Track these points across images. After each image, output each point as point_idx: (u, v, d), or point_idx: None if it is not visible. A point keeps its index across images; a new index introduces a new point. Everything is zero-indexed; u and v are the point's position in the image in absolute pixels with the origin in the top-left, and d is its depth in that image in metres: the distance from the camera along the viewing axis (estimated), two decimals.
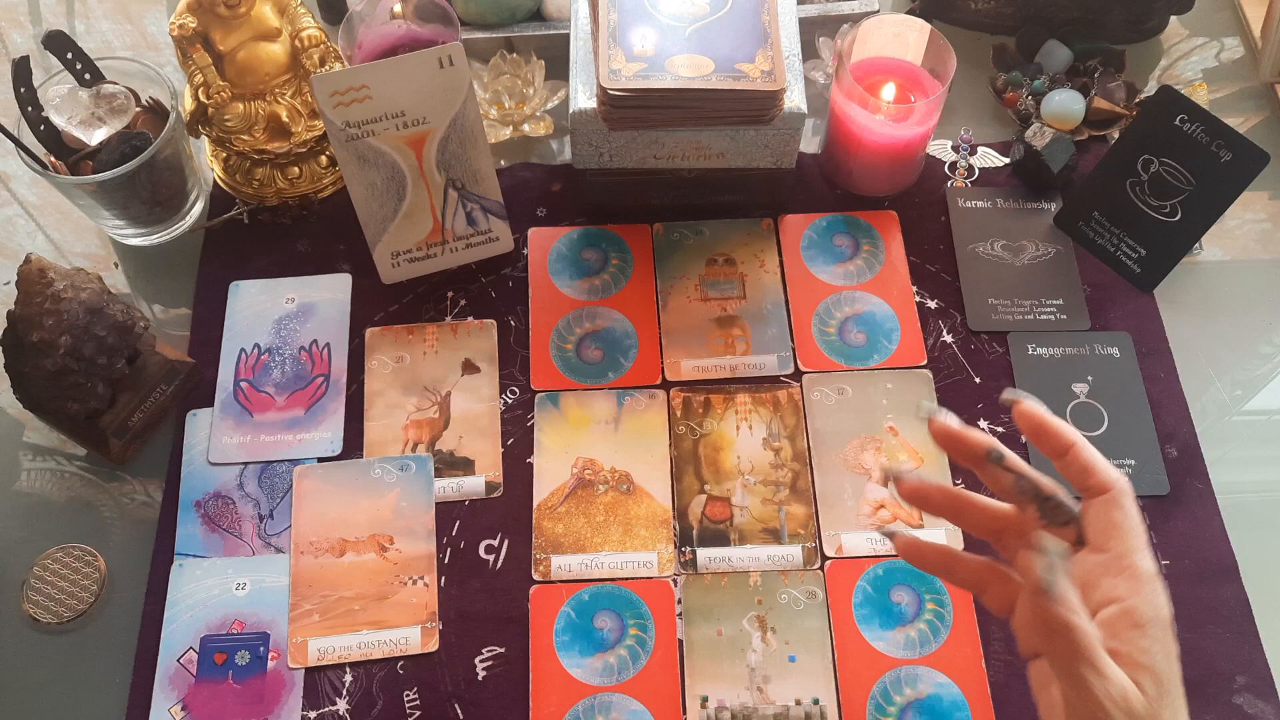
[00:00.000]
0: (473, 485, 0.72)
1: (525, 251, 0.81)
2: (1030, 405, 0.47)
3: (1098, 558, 0.44)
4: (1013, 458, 0.47)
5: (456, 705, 0.66)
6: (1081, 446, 0.46)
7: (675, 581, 0.69)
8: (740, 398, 0.75)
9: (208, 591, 0.69)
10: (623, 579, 0.69)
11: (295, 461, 0.73)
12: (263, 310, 0.79)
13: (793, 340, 0.77)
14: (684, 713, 0.65)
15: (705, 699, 0.65)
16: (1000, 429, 0.74)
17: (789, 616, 0.68)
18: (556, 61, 0.84)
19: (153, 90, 0.79)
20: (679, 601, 0.68)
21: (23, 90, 0.74)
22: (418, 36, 0.81)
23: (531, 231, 0.82)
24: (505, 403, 0.75)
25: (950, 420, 0.47)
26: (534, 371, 0.76)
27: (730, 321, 0.78)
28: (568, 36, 0.78)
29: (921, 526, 0.70)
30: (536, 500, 0.72)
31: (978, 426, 0.74)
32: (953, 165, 0.85)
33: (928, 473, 0.72)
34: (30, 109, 0.75)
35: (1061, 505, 0.46)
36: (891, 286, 0.80)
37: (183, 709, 0.65)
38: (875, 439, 0.73)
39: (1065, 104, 0.84)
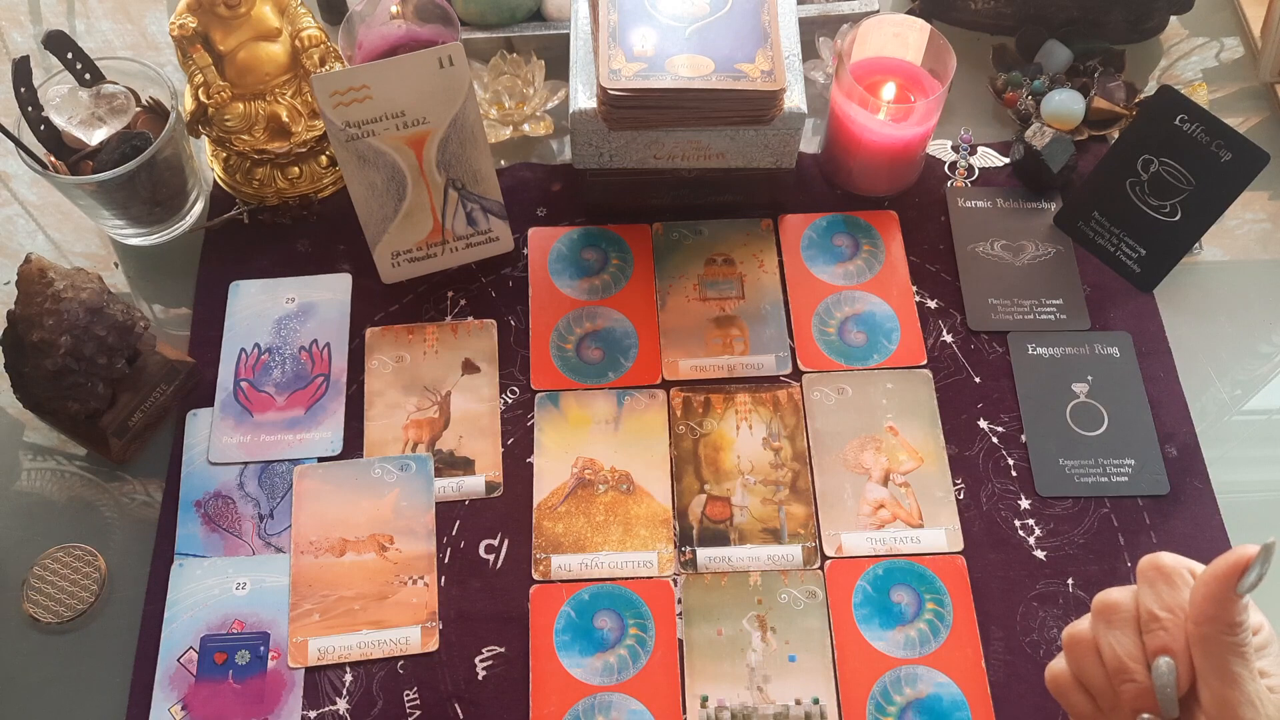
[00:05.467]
0: (473, 485, 0.72)
1: (525, 251, 0.81)
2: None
3: None
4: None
5: (456, 705, 0.66)
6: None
7: (675, 581, 0.69)
8: (740, 397, 0.75)
9: (208, 591, 0.69)
10: (623, 579, 0.69)
11: (295, 461, 0.73)
12: (263, 310, 0.79)
13: (791, 340, 0.77)
14: (684, 712, 0.65)
15: (705, 699, 0.65)
16: (1000, 429, 0.74)
17: (789, 616, 0.68)
18: (556, 61, 0.84)
19: (153, 90, 0.79)
20: (679, 601, 0.68)
21: (23, 90, 0.74)
22: (418, 36, 0.81)
23: (531, 231, 0.82)
24: (505, 403, 0.75)
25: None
26: (534, 371, 0.76)
27: (728, 321, 0.78)
28: (568, 36, 0.78)
29: (921, 526, 0.70)
30: (536, 500, 0.72)
31: (977, 426, 0.74)
32: (953, 165, 0.85)
33: (927, 473, 0.72)
34: (30, 109, 0.75)
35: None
36: (891, 286, 0.80)
37: (183, 709, 0.65)
38: (875, 439, 0.73)
39: (1065, 104, 0.84)
